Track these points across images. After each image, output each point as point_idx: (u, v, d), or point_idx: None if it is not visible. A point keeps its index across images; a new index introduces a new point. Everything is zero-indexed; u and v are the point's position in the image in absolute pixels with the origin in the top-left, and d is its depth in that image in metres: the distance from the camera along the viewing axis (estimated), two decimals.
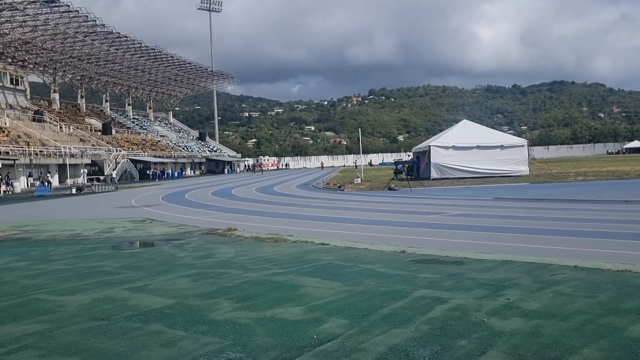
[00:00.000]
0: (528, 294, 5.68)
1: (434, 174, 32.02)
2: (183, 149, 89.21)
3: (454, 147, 32.41)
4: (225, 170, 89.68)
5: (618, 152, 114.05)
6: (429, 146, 33.01)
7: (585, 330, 4.54)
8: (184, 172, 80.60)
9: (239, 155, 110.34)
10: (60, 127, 64.65)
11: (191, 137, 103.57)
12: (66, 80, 78.00)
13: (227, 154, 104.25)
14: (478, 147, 32.37)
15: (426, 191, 24.79)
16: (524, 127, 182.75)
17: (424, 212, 15.36)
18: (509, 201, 17.97)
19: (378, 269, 7.33)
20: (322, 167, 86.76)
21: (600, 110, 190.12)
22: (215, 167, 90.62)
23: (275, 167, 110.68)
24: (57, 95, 75.55)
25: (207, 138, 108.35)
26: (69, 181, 50.68)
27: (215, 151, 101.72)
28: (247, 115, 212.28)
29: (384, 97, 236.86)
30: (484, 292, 5.83)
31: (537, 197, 18.59)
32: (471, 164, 31.90)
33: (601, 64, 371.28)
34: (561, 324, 4.71)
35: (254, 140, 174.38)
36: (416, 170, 34.03)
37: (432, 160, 32.13)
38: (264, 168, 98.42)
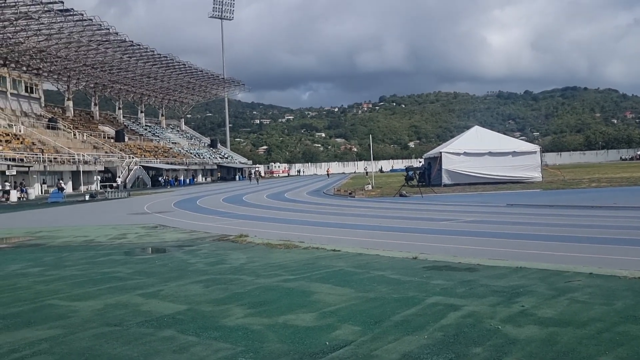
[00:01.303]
0: (543, 301, 5.61)
1: (445, 180, 31.89)
2: (195, 155, 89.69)
3: (465, 154, 32.27)
4: (237, 177, 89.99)
5: (632, 159, 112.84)
6: (441, 152, 32.89)
7: (602, 338, 4.46)
8: (195, 179, 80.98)
9: (250, 162, 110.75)
10: (74, 135, 65.34)
11: (203, 144, 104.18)
12: (80, 88, 78.90)
13: (238, 160, 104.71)
14: (490, 153, 32.20)
15: (438, 197, 24.67)
16: (536, 133, 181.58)
17: (435, 218, 15.28)
18: (522, 207, 17.83)
19: (390, 275, 7.29)
20: (329, 175, 76.95)
21: (613, 116, 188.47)
22: (226, 173, 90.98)
23: (286, 174, 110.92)
24: (71, 103, 76.45)
25: (219, 145, 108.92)
26: (83, 188, 51.15)
27: (227, 158, 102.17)
28: (258, 122, 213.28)
29: (394, 104, 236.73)
30: (498, 299, 5.77)
31: (550, 204, 18.42)
32: (483, 170, 31.73)
33: (614, 70, 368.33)
34: (577, 331, 4.64)
35: (265, 147, 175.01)
36: (427, 177, 33.90)
37: (443, 167, 32.00)
38: (260, 176, 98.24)
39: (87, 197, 36.73)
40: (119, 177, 57.87)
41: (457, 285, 6.51)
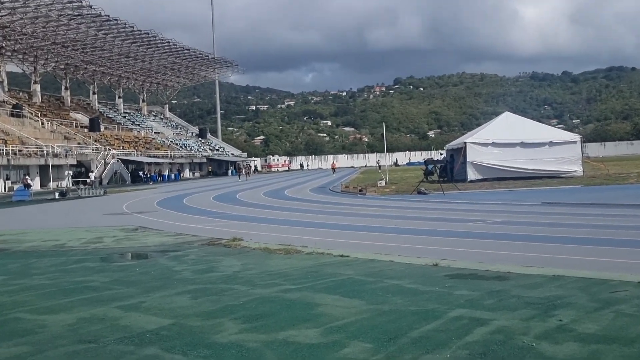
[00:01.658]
0: (584, 315, 5.59)
1: (470, 175, 31.84)
2: (181, 147, 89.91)
3: (494, 144, 32.22)
4: (229, 171, 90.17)
5: None
6: (465, 143, 32.85)
7: None
8: (181, 174, 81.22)
9: (245, 154, 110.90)
10: (42, 123, 65.53)
11: (190, 134, 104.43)
12: (48, 69, 79.08)
13: (231, 152, 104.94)
14: (522, 143, 32.14)
15: (462, 195, 24.63)
16: (576, 121, 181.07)
17: (459, 219, 15.26)
18: (560, 206, 17.77)
19: (406, 284, 7.28)
20: (334, 169, 74.08)
21: None
22: (217, 168, 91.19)
23: (286, 169, 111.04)
24: (38, 87, 76.62)
25: (208, 135, 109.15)
26: (52, 184, 51.31)
27: (218, 150, 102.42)
28: (254, 108, 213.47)
29: (411, 87, 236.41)
30: (532, 312, 5.75)
31: (592, 202, 18.37)
32: (514, 163, 31.67)
33: None
34: (624, 349, 4.62)
35: (262, 137, 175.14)
36: (450, 171, 33.84)
37: (468, 159, 31.96)
38: (257, 170, 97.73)
39: (56, 195, 36.89)
40: (94, 172, 58.06)
41: (484, 296, 6.49)
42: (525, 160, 31.77)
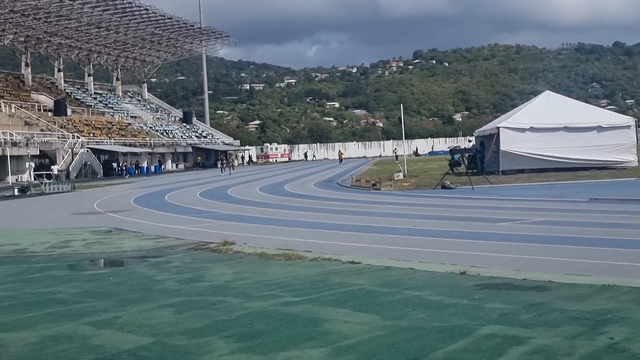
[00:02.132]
0: (639, 332, 5.58)
1: (504, 165, 31.76)
2: (162, 134, 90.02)
3: (532, 129, 32.11)
4: (219, 162, 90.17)
5: None
6: (498, 128, 32.75)
7: None
8: (163, 166, 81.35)
9: (237, 142, 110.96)
10: None
11: (172, 119, 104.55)
12: (6, 43, 79.17)
13: (221, 140, 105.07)
14: (566, 128, 32.00)
15: (494, 190, 24.57)
16: (630, 101, 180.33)
17: (491, 218, 15.24)
18: (611, 203, 17.71)
19: (429, 296, 7.28)
20: (341, 160, 72.97)
21: None
22: (205, 158, 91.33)
23: (287, 159, 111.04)
24: None
25: (194, 120, 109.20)
26: (10, 178, 51.46)
27: (205, 137, 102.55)
28: (248, 88, 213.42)
29: (434, 62, 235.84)
30: (578, 328, 5.74)
31: None
32: (556, 152, 31.56)
33: None
34: None
35: (258, 121, 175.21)
36: (480, 162, 33.76)
37: (501, 148, 31.87)
38: (251, 161, 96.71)
39: (16, 192, 36.95)
40: (60, 164, 58.19)
41: (521, 310, 6.48)
42: (570, 148, 31.63)
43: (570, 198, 19.58)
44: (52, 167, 54.43)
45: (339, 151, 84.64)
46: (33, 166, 56.04)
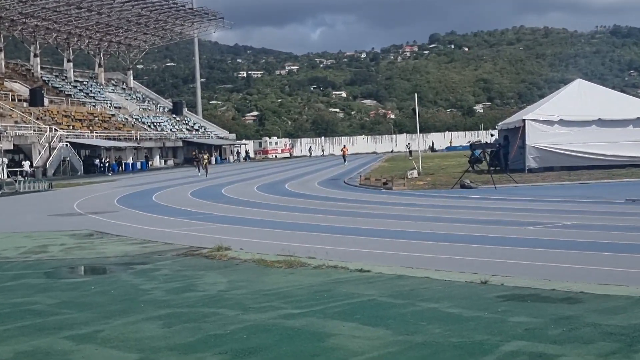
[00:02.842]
0: None
1: (530, 162, 31.72)
2: (149, 127, 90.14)
3: (561, 122, 32.05)
4: (212, 158, 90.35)
5: None
6: (524, 120, 32.70)
7: None
8: (150, 162, 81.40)
9: (233, 136, 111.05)
10: None
11: (161, 109, 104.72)
12: None
13: (214, 134, 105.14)
14: (600, 121, 31.93)
15: (519, 190, 24.53)
16: None
17: (516, 221, 15.22)
18: None
19: (446, 309, 7.28)
20: (345, 156, 65.29)
21: None
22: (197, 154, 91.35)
23: (288, 154, 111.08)
24: None
25: (185, 110, 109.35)
26: None
27: (197, 130, 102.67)
28: (245, 75, 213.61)
29: (452, 46, 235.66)
30: (612, 345, 5.73)
31: None
32: (589, 147, 31.49)
33: None
34: None
35: (255, 113, 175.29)
36: (504, 158, 33.71)
37: (528, 143, 31.84)
38: (210, 160, 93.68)
39: None
40: (35, 159, 58.25)
41: (549, 324, 6.47)
42: (604, 143, 31.55)
43: (605, 199, 19.53)
44: (23, 163, 53.98)
45: (344, 147, 79.43)
46: (5, 162, 56.10)
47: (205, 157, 54.87)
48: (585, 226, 13.95)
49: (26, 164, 52.22)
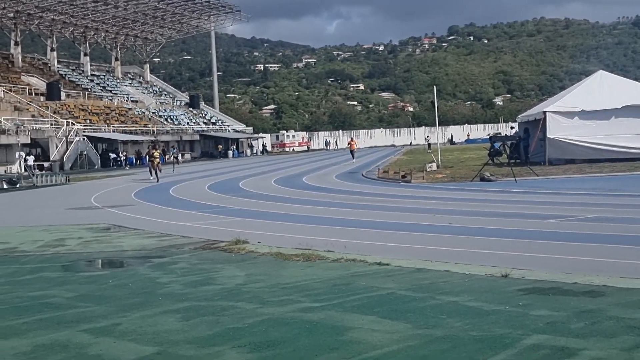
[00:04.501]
0: None
1: (551, 155, 31.54)
2: (166, 120, 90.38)
3: (583, 114, 31.82)
4: (230, 152, 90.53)
5: None
6: (544, 113, 32.51)
7: None
8: (166, 156, 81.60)
9: (250, 129, 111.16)
10: None
11: (178, 103, 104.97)
12: None
13: (231, 127, 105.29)
14: (622, 112, 31.64)
15: (540, 182, 24.41)
16: None
17: (537, 214, 15.14)
18: None
19: (466, 302, 7.27)
20: (352, 151, 55.03)
21: None
22: (213, 147, 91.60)
23: (305, 148, 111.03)
24: None
25: (202, 104, 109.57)
26: None
27: (214, 123, 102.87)
28: (262, 68, 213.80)
29: (471, 38, 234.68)
30: (635, 339, 5.70)
31: None
32: (611, 139, 31.25)
33: None
34: None
35: (273, 106, 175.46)
36: (524, 151, 33.56)
37: (548, 135, 31.66)
38: (179, 156, 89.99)
39: (4, 185, 37.29)
40: (52, 154, 58.55)
41: (571, 317, 6.44)
42: (626, 135, 31.28)
43: (627, 192, 19.39)
44: (26, 157, 52.72)
45: (351, 140, 64.05)
46: (23, 156, 56.44)
47: (156, 153, 38.44)
48: (607, 219, 13.86)
49: (30, 158, 51.01)
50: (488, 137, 47.02)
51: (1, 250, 13.36)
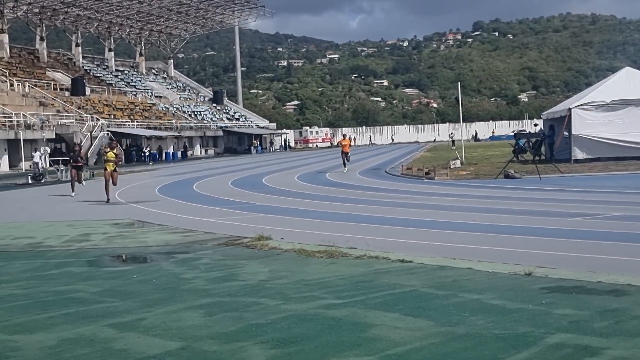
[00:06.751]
0: None
1: (577, 152, 31.34)
2: (190, 116, 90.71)
3: (609, 111, 31.56)
4: (253, 148, 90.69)
5: None
6: (570, 109, 32.29)
7: None
8: (190, 152, 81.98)
9: (273, 125, 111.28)
10: (11, 84, 66.68)
11: (201, 99, 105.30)
12: (19, 14, 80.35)
13: (255, 123, 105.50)
14: None
15: (565, 180, 24.25)
16: None
17: (561, 212, 15.06)
18: None
19: (489, 300, 7.26)
20: (345, 155, 38.78)
21: None
22: (237, 143, 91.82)
23: (329, 144, 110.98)
24: (6, 37, 77.83)
25: (226, 100, 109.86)
26: (24, 164, 52.23)
27: (238, 119, 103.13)
28: (285, 64, 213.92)
29: (496, 34, 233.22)
30: None
31: None
32: (638, 137, 30.98)
33: None
34: None
35: (296, 102, 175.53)
36: (549, 148, 33.36)
37: (574, 132, 31.46)
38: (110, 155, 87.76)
39: (29, 179, 37.57)
40: (39, 151, 58.64)
41: (594, 316, 6.42)
42: None
43: None
44: (33, 154, 50.08)
45: (343, 136, 50.97)
46: (48, 151, 56.79)
47: (111, 154, 24.66)
48: (633, 217, 13.75)
49: (36, 155, 48.60)
50: (513, 134, 46.77)
51: (27, 245, 13.50)
